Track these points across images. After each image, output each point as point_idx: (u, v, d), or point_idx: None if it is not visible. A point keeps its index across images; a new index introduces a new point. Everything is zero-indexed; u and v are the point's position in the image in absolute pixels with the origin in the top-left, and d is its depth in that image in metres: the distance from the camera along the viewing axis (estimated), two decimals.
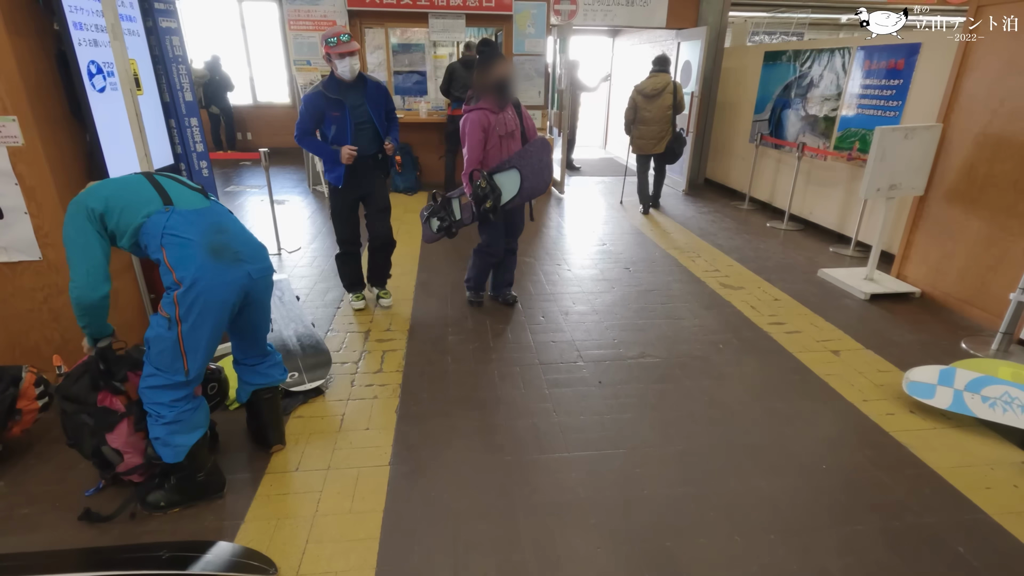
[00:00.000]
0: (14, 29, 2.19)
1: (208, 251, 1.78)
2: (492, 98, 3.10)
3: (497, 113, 3.12)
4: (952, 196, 3.70)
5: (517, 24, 6.80)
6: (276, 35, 8.89)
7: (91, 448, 1.91)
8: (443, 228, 3.51)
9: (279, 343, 2.92)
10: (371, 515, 1.97)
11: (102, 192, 1.83)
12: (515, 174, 3.16)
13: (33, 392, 2.15)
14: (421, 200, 6.68)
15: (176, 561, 1.70)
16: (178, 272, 1.74)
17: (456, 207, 3.53)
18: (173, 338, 1.76)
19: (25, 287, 2.49)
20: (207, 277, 1.76)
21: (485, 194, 3.12)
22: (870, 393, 2.77)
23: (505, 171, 3.17)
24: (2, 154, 2.28)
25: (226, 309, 1.85)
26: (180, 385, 1.83)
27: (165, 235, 1.76)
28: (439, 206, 3.55)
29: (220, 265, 1.79)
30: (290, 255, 4.67)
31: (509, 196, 3.18)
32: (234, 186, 7.25)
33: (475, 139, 3.09)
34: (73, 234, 1.79)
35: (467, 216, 3.43)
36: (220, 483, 2.04)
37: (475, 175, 3.17)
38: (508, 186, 3.18)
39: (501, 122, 3.14)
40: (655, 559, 1.82)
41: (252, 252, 1.94)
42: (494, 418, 2.54)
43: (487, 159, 3.19)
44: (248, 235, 1.99)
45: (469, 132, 3.09)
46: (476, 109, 3.10)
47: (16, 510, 1.96)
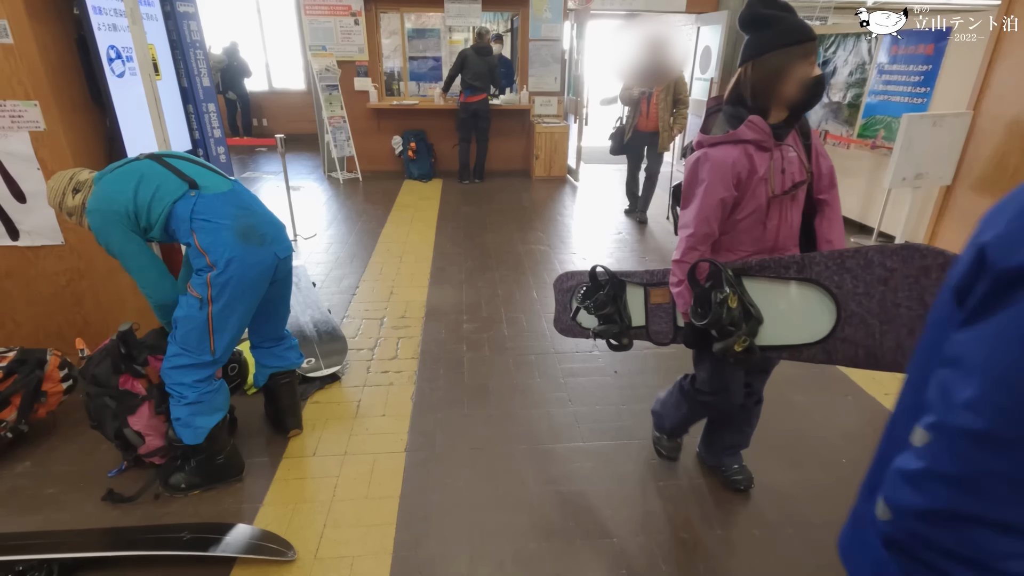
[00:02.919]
0: (35, 15, 2.20)
1: (237, 233, 1.79)
2: (770, 117, 1.52)
3: (768, 150, 1.53)
4: (981, 186, 3.60)
5: (534, 9, 6.70)
6: (292, 21, 8.86)
7: (113, 430, 1.94)
8: (606, 334, 1.89)
9: (296, 329, 2.94)
10: (387, 501, 1.98)
11: (124, 189, 1.78)
12: (822, 299, 1.47)
13: (58, 375, 2.19)
14: (436, 187, 6.65)
15: (197, 542, 1.73)
16: (211, 255, 1.76)
17: (637, 302, 1.89)
18: (203, 318, 1.79)
19: (48, 271, 2.52)
20: (239, 259, 1.78)
21: (732, 321, 1.49)
22: (891, 387, 2.72)
23: (786, 282, 1.51)
24: (24, 139, 2.30)
25: (257, 290, 1.87)
26: (205, 365, 1.86)
27: (195, 219, 1.78)
28: (605, 293, 1.91)
29: (250, 247, 1.81)
30: (306, 241, 4.69)
31: (789, 339, 1.54)
32: (250, 172, 7.29)
33: (713, 200, 1.54)
34: (120, 244, 1.79)
35: (662, 327, 1.83)
36: (239, 466, 2.07)
37: (703, 270, 1.58)
38: (789, 318, 1.53)
39: (776, 168, 1.55)
40: (670, 550, 1.81)
41: (276, 233, 1.95)
42: (509, 407, 2.54)
43: (732, 240, 1.63)
44: (271, 216, 2.00)
45: (706, 186, 1.54)
46: (726, 142, 1.53)
47: (42, 490, 2.01)
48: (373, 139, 7.10)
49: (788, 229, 1.63)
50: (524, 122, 7.23)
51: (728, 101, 1.59)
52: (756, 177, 1.53)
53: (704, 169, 1.54)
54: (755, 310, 1.52)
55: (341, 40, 6.61)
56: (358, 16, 6.52)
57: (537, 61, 6.94)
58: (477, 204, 5.95)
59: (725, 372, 1.77)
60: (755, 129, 1.50)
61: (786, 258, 1.50)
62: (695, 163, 1.58)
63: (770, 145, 1.53)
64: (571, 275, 2.21)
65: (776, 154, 1.55)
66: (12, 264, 2.49)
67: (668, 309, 1.80)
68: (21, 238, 2.45)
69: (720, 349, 1.51)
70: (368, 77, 6.81)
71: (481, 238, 4.84)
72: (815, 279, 1.45)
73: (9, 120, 2.26)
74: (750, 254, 1.63)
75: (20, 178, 2.36)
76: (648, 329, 1.87)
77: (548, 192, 6.50)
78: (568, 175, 7.16)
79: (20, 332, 2.60)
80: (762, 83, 1.48)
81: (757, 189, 1.54)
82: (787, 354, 1.56)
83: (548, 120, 7.00)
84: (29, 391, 2.09)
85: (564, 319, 2.25)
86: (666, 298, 1.79)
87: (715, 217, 1.56)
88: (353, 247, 4.58)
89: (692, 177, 1.59)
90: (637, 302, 1.90)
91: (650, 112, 4.90)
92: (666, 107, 4.83)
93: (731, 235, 1.62)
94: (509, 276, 4.01)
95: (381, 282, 3.88)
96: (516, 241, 4.77)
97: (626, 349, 1.92)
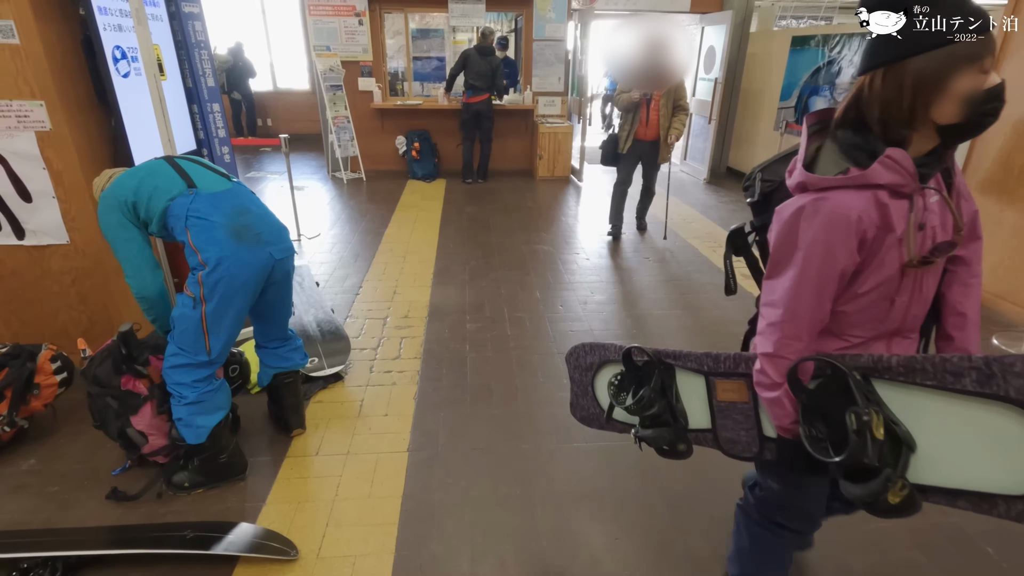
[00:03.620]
0: (41, 15, 2.21)
1: (230, 232, 1.80)
2: (910, 147, 1.00)
3: (908, 196, 1.00)
4: (987, 187, 3.58)
5: (538, 8, 6.70)
6: (296, 21, 8.89)
7: (116, 430, 1.95)
8: (658, 441, 1.33)
9: (299, 328, 2.95)
10: (390, 500, 1.98)
11: (130, 183, 1.85)
12: None
13: (49, 367, 2.22)
14: (439, 187, 6.65)
15: (200, 541, 1.73)
16: (203, 253, 1.77)
17: (695, 392, 1.33)
18: (197, 318, 1.80)
19: (53, 270, 2.53)
20: (231, 258, 1.78)
21: (879, 456, 0.93)
22: None
23: (958, 396, 0.93)
24: (30, 139, 2.32)
25: (249, 290, 1.87)
26: (202, 365, 1.87)
27: (189, 217, 1.79)
28: (652, 388, 1.33)
29: (242, 246, 1.81)
30: (310, 241, 4.70)
31: (967, 479, 0.96)
32: (255, 172, 7.32)
33: (828, 271, 1.02)
34: (114, 230, 1.83)
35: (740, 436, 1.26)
36: (242, 465, 2.07)
37: (806, 369, 1.07)
38: (968, 449, 0.95)
39: (914, 221, 1.02)
40: (673, 552, 1.80)
41: (273, 233, 1.95)
42: (512, 407, 2.54)
43: (842, 320, 1.11)
44: (270, 216, 2.00)
45: (817, 251, 1.01)
46: (848, 186, 0.99)
47: (46, 487, 2.02)
48: (377, 139, 7.12)
49: (921, 305, 1.12)
50: (528, 122, 7.23)
51: (842, 123, 1.05)
52: (891, 237, 1.00)
53: (813, 225, 1.00)
54: (902, 431, 0.97)
55: (345, 40, 6.63)
56: (362, 16, 6.53)
57: (541, 61, 6.94)
58: (481, 204, 5.95)
59: (816, 498, 1.31)
60: (895, 168, 0.97)
61: (955, 360, 0.92)
62: (795, 215, 1.02)
63: (912, 189, 1.00)
64: (590, 348, 1.53)
65: (917, 202, 1.01)
66: (18, 263, 2.50)
67: (746, 411, 1.23)
68: (27, 237, 2.46)
69: (862, 497, 0.95)
70: (372, 77, 6.82)
71: (484, 238, 4.84)
72: (1016, 397, 0.87)
73: (15, 120, 2.27)
74: (865, 341, 1.12)
75: (26, 177, 2.37)
76: (717, 436, 1.30)
77: (552, 192, 6.50)
78: (572, 175, 7.16)
79: (25, 330, 2.61)
80: (904, 100, 0.96)
81: (888, 254, 1.02)
82: (967, 503, 0.97)
83: (552, 120, 7.00)
84: (20, 384, 2.12)
85: (585, 406, 1.63)
86: (742, 395, 1.23)
87: (829, 295, 1.04)
88: (357, 247, 4.59)
89: (790, 236, 1.03)
90: (694, 392, 1.33)
91: (650, 119, 4.44)
92: (667, 114, 4.43)
93: (840, 314, 1.10)
94: (512, 276, 4.01)
95: (384, 282, 3.89)
96: (519, 241, 4.77)
97: (685, 457, 1.35)
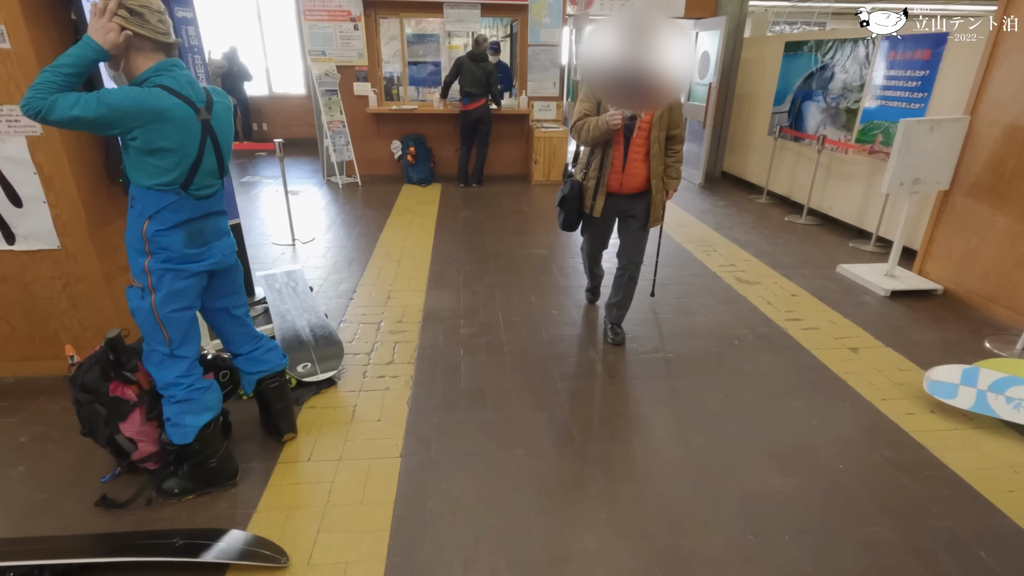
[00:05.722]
0: (32, 19, 2.20)
1: (185, 235, 1.81)
2: None
3: None
4: (978, 191, 3.60)
5: (533, 14, 6.72)
6: (292, 25, 8.90)
7: (105, 437, 1.94)
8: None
9: (292, 333, 2.94)
10: (382, 507, 1.97)
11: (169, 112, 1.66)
12: None
13: None
14: (435, 192, 6.66)
15: (190, 548, 1.72)
16: (151, 244, 1.77)
17: None
18: (148, 308, 1.81)
19: (44, 275, 2.52)
20: (177, 256, 1.80)
21: None
22: (889, 392, 2.71)
23: None
24: (21, 143, 2.30)
25: (193, 287, 1.88)
26: (176, 358, 1.87)
27: (162, 211, 1.76)
28: None
29: (190, 249, 1.83)
30: (304, 245, 4.69)
31: None
32: (249, 176, 7.30)
33: None
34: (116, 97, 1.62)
35: None
36: (233, 471, 2.06)
37: None
38: None
39: None
40: (667, 557, 1.80)
41: (218, 233, 1.95)
42: (506, 411, 2.53)
43: None
44: (222, 220, 1.99)
45: None
46: None
47: (35, 495, 2.00)
48: (372, 144, 7.12)
49: None
50: (523, 127, 7.24)
51: None
52: None
53: None
54: None
55: (341, 45, 6.63)
56: (358, 21, 6.54)
57: (536, 66, 6.96)
58: (476, 209, 5.95)
59: None
60: None
61: None
62: None
63: None
64: None
65: None
66: (8, 268, 2.49)
67: None
68: (17, 242, 2.45)
69: None
70: (368, 82, 6.83)
71: (479, 243, 4.84)
72: None
73: (6, 125, 2.26)
74: None
75: (17, 183, 2.36)
76: None
77: (547, 197, 6.50)
78: None
79: (15, 336, 2.60)
80: None
81: None
82: None
83: (547, 125, 7.02)
84: None
85: None
86: None
87: None
88: (351, 251, 4.58)
89: None
90: None
91: (632, 159, 2.75)
92: (659, 151, 2.76)
93: None
94: (507, 281, 4.00)
95: (379, 286, 3.88)
96: (514, 246, 4.77)
97: None
